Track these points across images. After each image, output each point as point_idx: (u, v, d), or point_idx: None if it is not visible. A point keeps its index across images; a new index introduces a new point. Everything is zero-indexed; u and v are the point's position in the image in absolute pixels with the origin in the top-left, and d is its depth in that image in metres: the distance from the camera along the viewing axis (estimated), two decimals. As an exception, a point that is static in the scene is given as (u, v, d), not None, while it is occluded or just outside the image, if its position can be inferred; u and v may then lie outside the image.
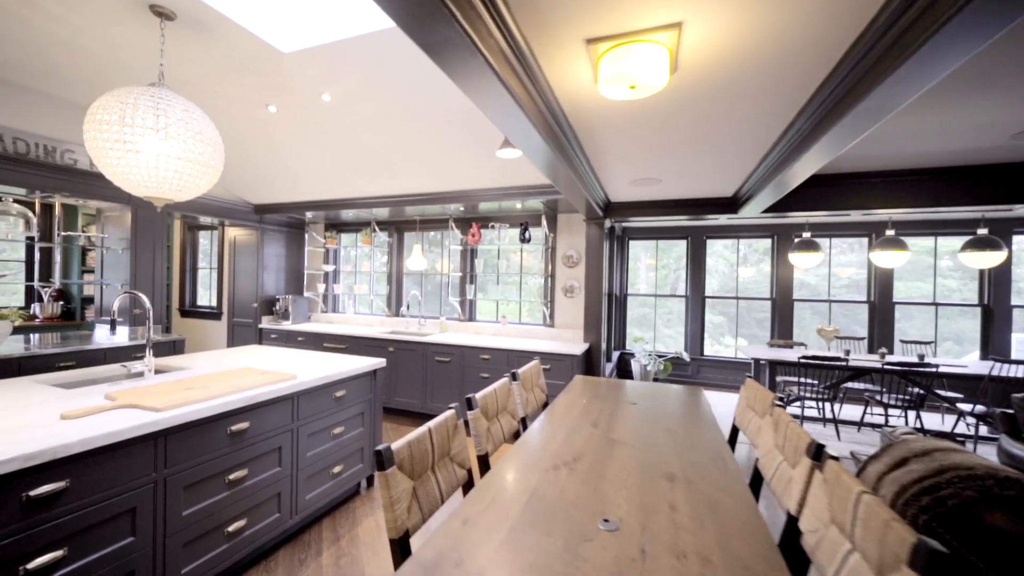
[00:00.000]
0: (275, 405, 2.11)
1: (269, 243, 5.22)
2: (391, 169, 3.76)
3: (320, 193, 4.49)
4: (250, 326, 5.22)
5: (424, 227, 5.01)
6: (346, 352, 4.53)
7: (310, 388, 2.32)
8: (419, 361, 4.16)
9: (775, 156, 2.52)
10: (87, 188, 3.63)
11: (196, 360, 2.73)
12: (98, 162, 1.96)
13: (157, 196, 2.12)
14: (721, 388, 5.77)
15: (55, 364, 3.13)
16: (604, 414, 2.12)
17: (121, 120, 1.89)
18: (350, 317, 5.33)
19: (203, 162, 2.12)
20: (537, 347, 3.76)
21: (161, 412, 1.67)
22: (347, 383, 2.60)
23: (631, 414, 2.13)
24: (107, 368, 2.44)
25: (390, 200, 4.27)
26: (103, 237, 4.05)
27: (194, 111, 2.09)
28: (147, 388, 1.94)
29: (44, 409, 1.66)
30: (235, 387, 2.00)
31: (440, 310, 5.07)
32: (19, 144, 3.26)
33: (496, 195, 3.87)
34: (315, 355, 2.98)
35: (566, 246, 4.32)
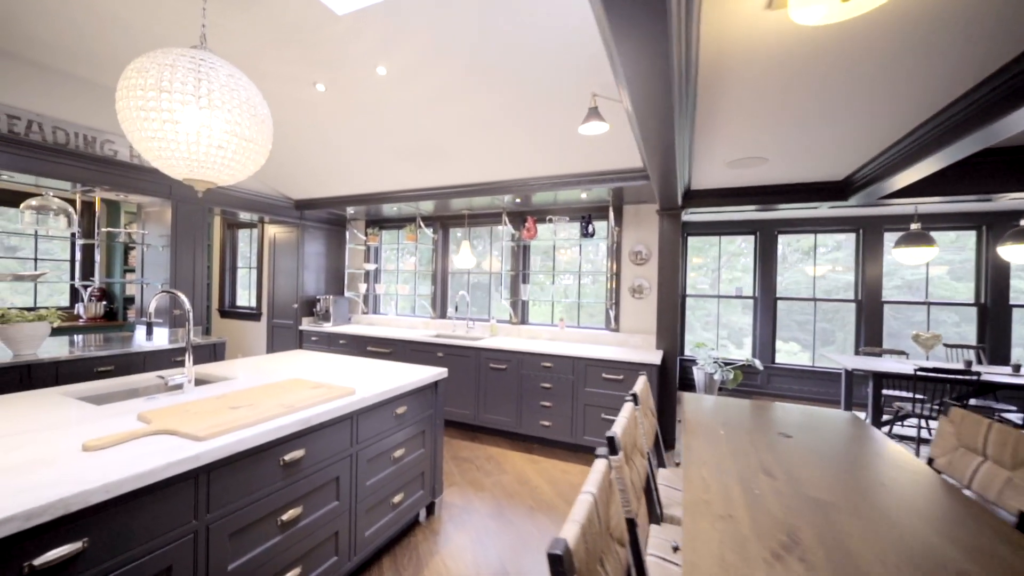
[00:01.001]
0: (333, 427, 1.76)
1: (309, 241, 4.97)
2: (445, 154, 3.40)
3: (365, 186, 4.18)
4: (290, 328, 4.99)
5: (473, 222, 4.65)
6: (391, 357, 4.22)
7: (371, 405, 1.97)
8: (471, 368, 3.79)
9: (942, 123, 2.01)
10: (127, 181, 3.43)
11: (238, 368, 2.43)
12: (132, 137, 1.66)
13: (199, 179, 1.81)
14: (797, 400, 5.16)
15: (94, 369, 2.92)
16: (762, 453, 1.66)
17: (158, 85, 1.58)
18: (392, 319, 5.02)
19: (250, 137, 1.80)
20: (604, 354, 3.32)
21: (203, 442, 1.33)
22: (408, 398, 2.24)
23: (801, 454, 1.66)
24: (143, 378, 2.16)
25: (440, 192, 3.92)
26: (144, 234, 3.87)
27: (240, 78, 1.77)
28: (186, 406, 1.62)
29: (66, 434, 1.35)
30: (287, 406, 1.66)
31: (489, 312, 4.69)
32: (58, 134, 3.07)
33: (562, 183, 3.45)
34: (366, 363, 2.64)
35: (633, 241, 3.86)
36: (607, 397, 3.27)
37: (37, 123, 2.97)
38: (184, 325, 3.80)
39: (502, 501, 2.67)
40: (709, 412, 2.16)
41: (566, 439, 3.42)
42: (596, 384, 3.31)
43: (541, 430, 3.51)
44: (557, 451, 3.47)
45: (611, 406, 3.26)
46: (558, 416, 3.45)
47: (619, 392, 3.24)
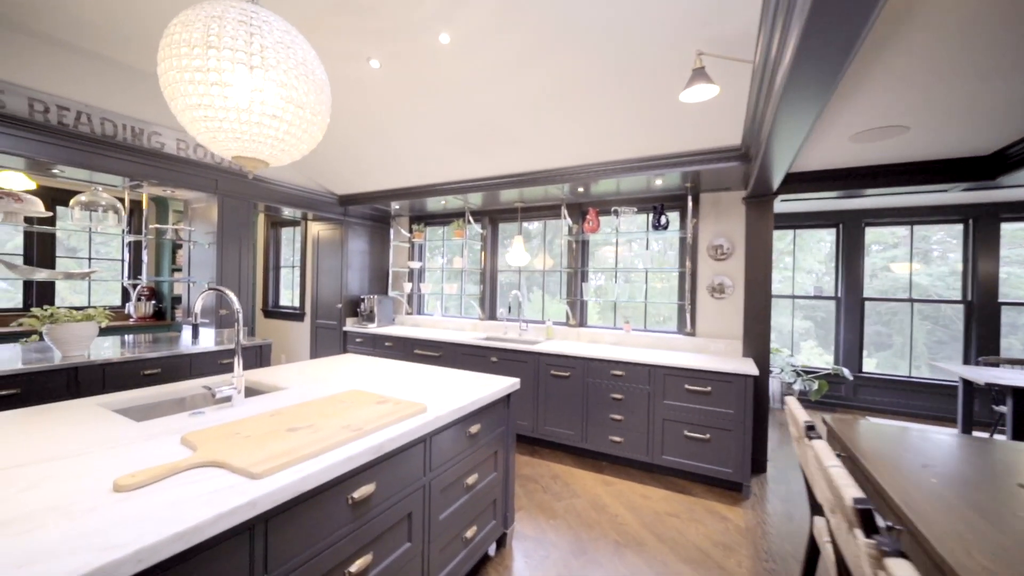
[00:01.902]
0: (405, 453, 1.46)
1: (352, 239, 4.78)
2: (504, 137, 3.07)
3: (413, 178, 3.92)
4: (334, 329, 4.80)
5: (526, 215, 4.31)
6: (440, 361, 3.94)
7: (446, 425, 1.66)
8: (529, 375, 3.45)
9: None
10: (174, 175, 3.29)
11: (289, 376, 2.18)
12: (176, 107, 1.40)
13: (250, 156, 1.54)
14: (895, 416, 4.55)
15: (140, 372, 2.76)
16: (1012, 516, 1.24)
17: (205, 40, 1.31)
18: (438, 320, 4.76)
19: (308, 106, 1.52)
20: (685, 362, 2.91)
21: (259, 480, 1.04)
22: (481, 414, 1.92)
23: None
24: (189, 386, 1.94)
25: (496, 181, 3.59)
26: (190, 231, 3.75)
27: (295, 35, 1.49)
28: (236, 427, 1.35)
29: (97, 463, 1.09)
30: (355, 429, 1.36)
31: (543, 313, 4.34)
32: (107, 125, 2.94)
33: (635, 167, 3.06)
34: (426, 371, 2.34)
35: (713, 234, 3.42)
36: (691, 412, 2.85)
37: (86, 114, 2.85)
38: (231, 325, 3.65)
39: (580, 532, 2.31)
40: (880, 440, 1.72)
41: (641, 457, 3.02)
42: (677, 396, 2.90)
43: (611, 446, 3.12)
44: (631, 471, 3.08)
45: (695, 422, 2.84)
46: (631, 431, 3.05)
47: (706, 406, 2.82)
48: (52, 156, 2.73)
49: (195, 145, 3.41)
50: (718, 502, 2.66)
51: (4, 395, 2.25)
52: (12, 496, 0.94)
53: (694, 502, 2.65)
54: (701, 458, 2.83)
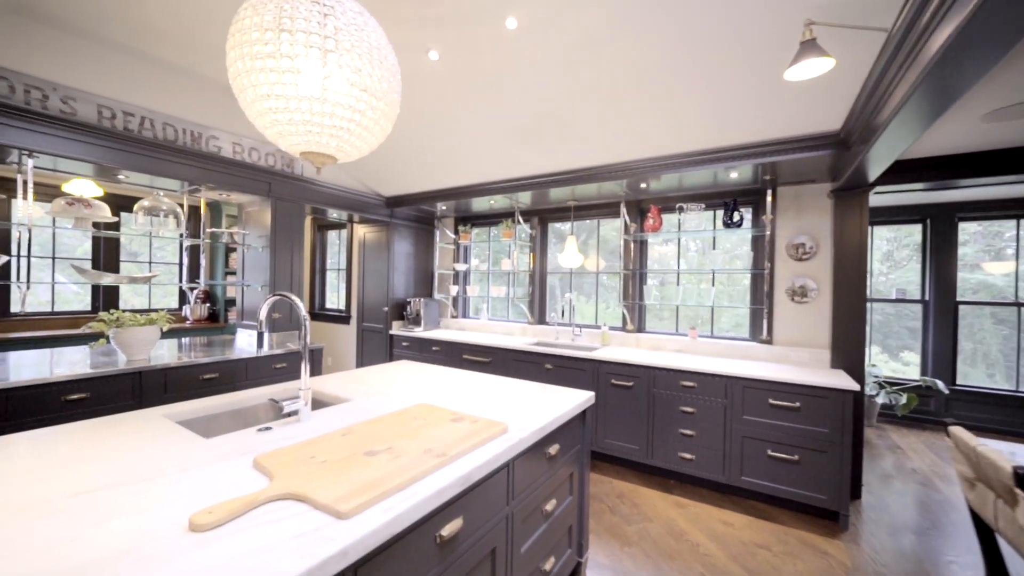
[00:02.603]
0: (490, 481, 1.29)
1: (398, 241, 4.71)
2: (566, 129, 2.88)
3: (465, 177, 3.79)
4: (380, 332, 4.75)
5: (579, 214, 4.10)
6: (490, 368, 3.79)
7: (529, 447, 1.48)
8: (587, 384, 3.24)
9: None
10: (229, 179, 3.29)
11: (349, 384, 2.07)
12: (245, 99, 1.30)
13: (318, 151, 1.43)
14: (1000, 435, 4.03)
15: (199, 376, 2.75)
16: None
17: (277, 24, 1.20)
18: (484, 323, 4.62)
19: (381, 94, 1.38)
20: (766, 373, 2.62)
21: (347, 520, 0.90)
22: (559, 432, 1.73)
23: None
24: (253, 397, 1.85)
25: (552, 178, 3.40)
26: (244, 234, 3.77)
27: (368, 17, 1.36)
28: (309, 447, 1.22)
29: (169, 492, 0.98)
30: (438, 454, 1.20)
31: (596, 317, 4.12)
32: (168, 130, 2.96)
33: (708, 159, 2.80)
34: (493, 381, 2.18)
35: (793, 231, 3.10)
36: (775, 429, 2.56)
37: (149, 119, 2.87)
38: (284, 329, 3.63)
39: (660, 563, 2.08)
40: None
41: (716, 477, 2.75)
42: (759, 411, 2.62)
43: (680, 464, 2.87)
44: (705, 492, 2.81)
45: (781, 440, 2.55)
46: (704, 448, 2.79)
47: (794, 424, 2.52)
48: (118, 161, 2.76)
49: (250, 148, 3.41)
50: (813, 533, 2.36)
51: (75, 399, 2.26)
52: (84, 531, 0.83)
53: (784, 532, 2.36)
54: (788, 481, 2.53)
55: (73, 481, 1.04)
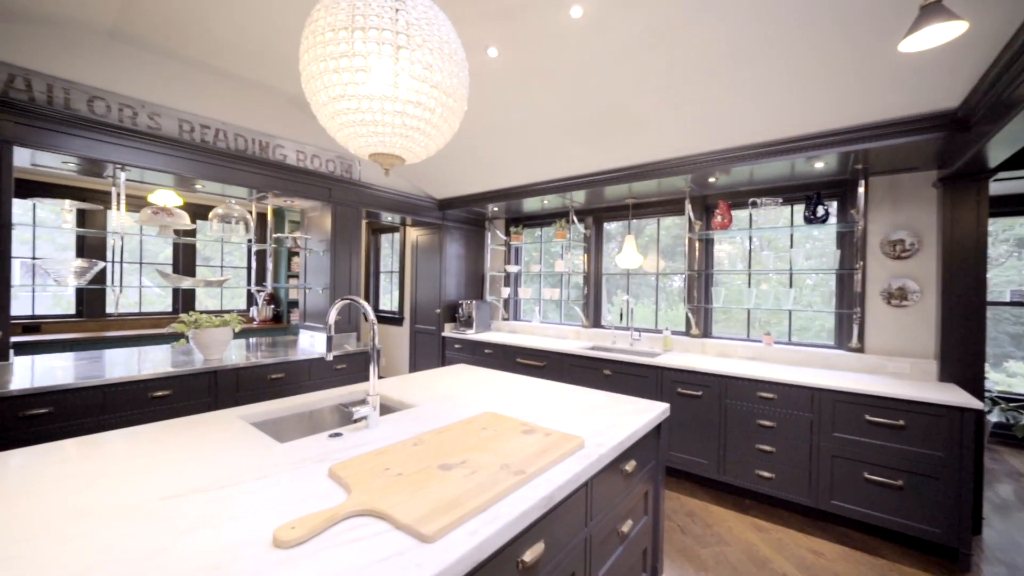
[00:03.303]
0: (570, 501, 1.19)
1: (449, 243, 4.73)
2: (630, 122, 2.73)
3: (519, 176, 3.72)
4: (432, 334, 4.79)
5: (637, 212, 3.91)
6: (545, 372, 3.69)
7: (607, 464, 1.37)
8: (650, 392, 3.06)
9: None
10: (293, 185, 3.42)
11: (411, 389, 2.05)
12: (316, 101, 1.28)
13: (387, 152, 1.39)
14: None
15: (267, 376, 2.86)
16: None
17: (351, 22, 1.17)
18: (536, 326, 4.52)
19: (451, 91, 1.33)
20: (861, 386, 2.33)
21: (430, 543, 0.83)
22: (636, 448, 1.60)
23: None
24: (320, 400, 1.86)
25: (611, 175, 3.25)
26: (307, 239, 3.91)
27: (437, 11, 1.31)
28: (382, 457, 1.18)
29: (251, 502, 0.96)
30: (515, 470, 1.12)
31: (656, 320, 3.90)
32: (239, 140, 3.11)
33: (790, 148, 2.55)
34: (558, 389, 2.08)
35: (888, 226, 2.76)
36: (874, 449, 2.27)
37: (223, 131, 3.03)
38: (344, 331, 3.72)
39: (744, 594, 1.89)
40: None
41: (800, 500, 2.49)
42: (853, 428, 2.33)
43: (757, 482, 2.62)
44: (786, 515, 2.55)
45: (881, 462, 2.25)
46: (786, 466, 2.53)
47: (897, 444, 2.22)
48: (196, 172, 2.92)
49: (312, 155, 3.52)
50: (925, 571, 2.06)
51: (160, 396, 2.41)
52: (173, 541, 0.82)
53: (889, 568, 2.08)
54: (890, 509, 2.24)
55: (162, 484, 1.05)
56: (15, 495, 0.98)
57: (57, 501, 0.96)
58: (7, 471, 1.10)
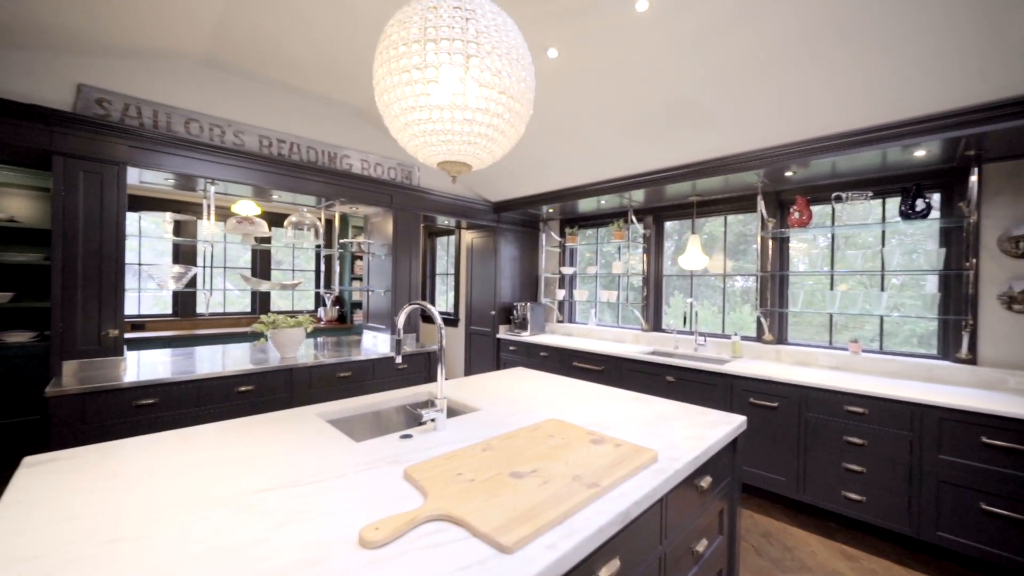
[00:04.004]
0: (645, 516, 1.14)
1: (504, 245, 4.76)
2: (696, 116, 2.60)
3: (575, 177, 3.67)
4: (487, 335, 4.85)
5: (702, 211, 3.72)
6: (602, 377, 3.60)
7: (682, 480, 1.30)
8: (718, 401, 2.88)
9: None
10: (358, 193, 3.59)
11: (473, 392, 2.07)
12: (390, 113, 1.32)
13: (455, 159, 1.41)
14: None
15: (336, 374, 3.02)
16: None
17: (423, 35, 1.19)
18: (592, 329, 4.43)
19: (518, 95, 1.33)
20: (974, 402, 2.04)
21: (509, 555, 0.82)
22: (711, 462, 1.51)
23: None
24: (388, 399, 1.93)
25: (675, 172, 3.10)
26: (369, 243, 4.09)
27: (505, 17, 1.31)
28: (453, 462, 1.19)
29: (334, 500, 1.01)
30: (588, 482, 1.09)
31: (723, 325, 3.69)
32: (310, 152, 3.32)
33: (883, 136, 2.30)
34: (624, 396, 2.01)
35: (1008, 219, 2.41)
36: (992, 477, 1.98)
37: (296, 144, 3.24)
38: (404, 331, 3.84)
39: (834, 629, 1.72)
40: None
41: (897, 528, 2.23)
42: (965, 452, 2.05)
43: (844, 504, 2.38)
44: (880, 544, 2.30)
45: (1004, 493, 1.96)
46: (879, 490, 2.28)
47: (1019, 472, 1.92)
48: (272, 183, 3.15)
49: (375, 163, 3.68)
50: (1061, 622, 1.77)
51: (244, 390, 2.61)
52: (270, 533, 0.87)
53: (1013, 614, 1.81)
54: (1017, 548, 1.94)
55: (256, 477, 1.12)
56: (136, 482, 1.09)
57: (170, 488, 1.05)
58: (128, 459, 1.23)
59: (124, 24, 2.21)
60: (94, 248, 2.44)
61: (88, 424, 2.14)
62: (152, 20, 2.22)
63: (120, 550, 0.81)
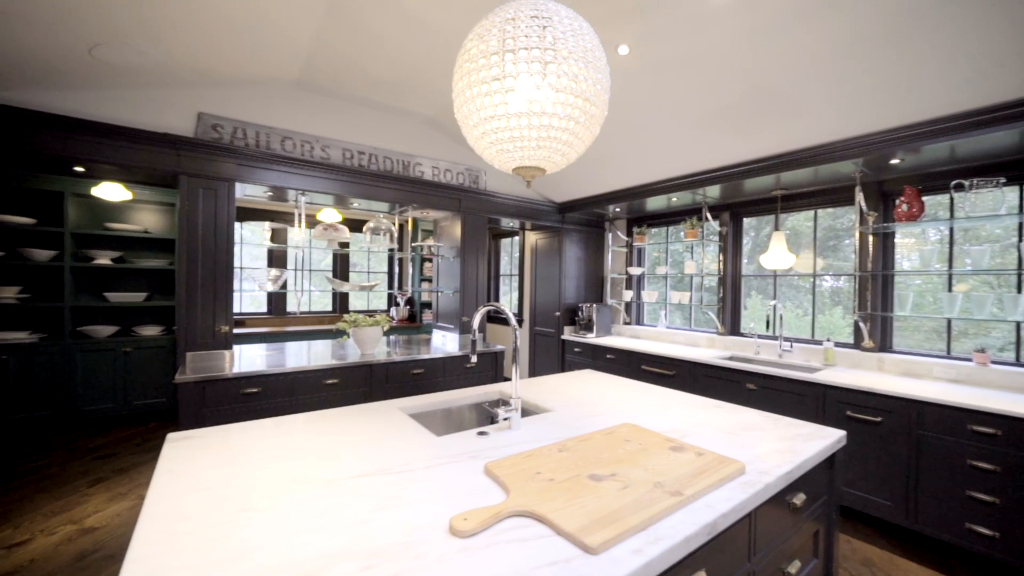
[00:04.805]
0: (732, 530, 1.09)
1: (569, 245, 4.73)
2: (781, 105, 2.41)
3: (646, 174, 3.56)
4: (551, 336, 4.85)
5: (789, 205, 3.44)
6: (674, 382, 3.45)
7: (773, 496, 1.22)
8: (807, 413, 2.65)
9: None
10: (428, 198, 3.76)
11: (543, 392, 2.08)
12: (469, 123, 1.37)
13: (530, 164, 1.44)
14: None
15: (410, 371, 3.19)
16: None
17: (502, 46, 1.23)
18: (661, 331, 4.27)
19: (595, 97, 1.32)
20: None
21: (595, 556, 0.82)
22: (806, 479, 1.40)
23: None
24: (461, 397, 2.00)
25: (756, 165, 2.90)
26: (439, 246, 4.27)
27: (581, 20, 1.32)
28: (531, 460, 1.21)
29: (422, 489, 1.07)
30: (671, 490, 1.06)
31: (814, 330, 3.38)
32: (386, 162, 3.54)
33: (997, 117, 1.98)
34: (702, 403, 1.93)
35: None
36: None
37: (373, 155, 3.48)
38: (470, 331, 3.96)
39: None
40: None
41: (1039, 570, 1.90)
42: None
43: (971, 539, 2.08)
44: (1015, 586, 1.98)
45: None
46: (1017, 525, 1.96)
47: None
48: (353, 192, 3.41)
49: (444, 169, 3.84)
50: None
51: (330, 383, 2.85)
52: (370, 515, 0.94)
53: None
54: None
55: (351, 463, 1.22)
56: (251, 462, 1.24)
57: (279, 469, 1.18)
58: (242, 441, 1.40)
59: (235, 57, 2.51)
60: (210, 255, 2.79)
61: (207, 407, 2.45)
62: (257, 51, 2.50)
63: (249, 518, 0.93)
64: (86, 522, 2.46)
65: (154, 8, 1.89)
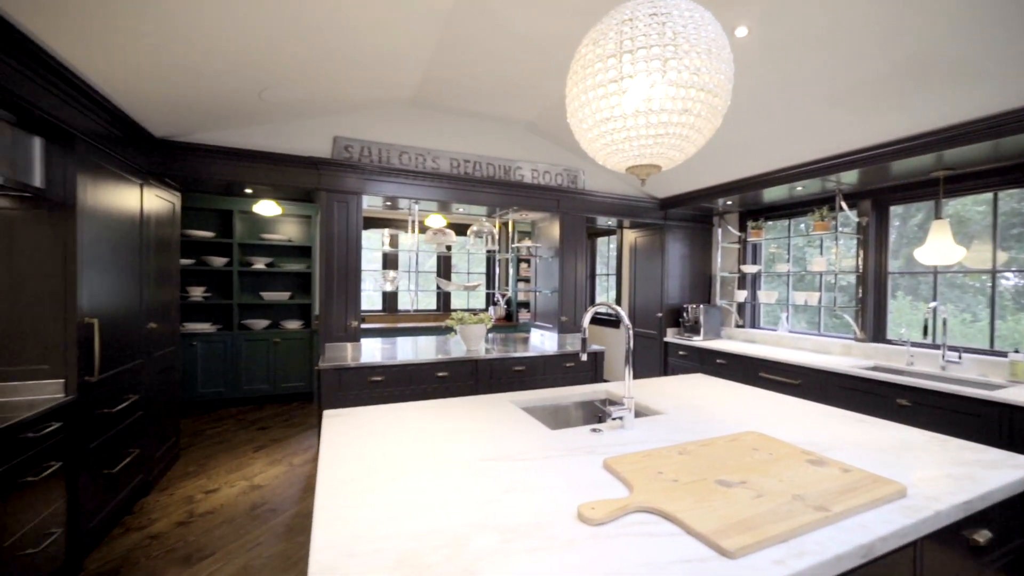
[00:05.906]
0: (890, 559, 0.96)
1: (671, 243, 4.50)
2: (953, 67, 2.03)
3: (765, 163, 3.25)
4: (652, 338, 4.66)
5: (954, 188, 2.88)
6: (798, 391, 3.10)
7: (945, 525, 1.05)
8: (982, 436, 2.19)
9: None
10: (527, 200, 3.86)
11: (651, 394, 2.03)
12: (583, 127, 1.40)
13: (646, 163, 1.42)
14: None
15: (511, 368, 3.31)
16: None
17: (619, 49, 1.24)
18: (782, 336, 3.85)
19: (717, 89, 1.27)
20: None
21: (733, 559, 0.80)
22: (991, 514, 1.17)
23: None
24: (566, 395, 2.04)
25: (913, 143, 2.47)
26: (537, 247, 4.36)
27: (702, 11, 1.27)
28: (652, 461, 1.20)
29: (545, 477, 1.13)
30: (814, 505, 0.97)
31: (992, 339, 2.78)
32: (488, 168, 3.72)
33: None
34: (827, 412, 1.72)
35: None
36: None
37: (477, 162, 3.68)
38: (569, 331, 3.99)
39: None
40: None
41: None
42: None
43: None
44: None
45: None
46: None
47: None
48: (459, 198, 3.64)
49: (543, 172, 3.92)
50: None
51: (442, 376, 3.08)
52: (501, 495, 1.02)
53: None
54: None
55: (476, 448, 1.33)
56: (390, 439, 1.41)
57: (413, 447, 1.33)
58: (377, 421, 1.59)
59: (363, 85, 2.85)
60: (343, 259, 3.21)
61: (342, 391, 2.83)
62: (381, 78, 2.81)
63: (400, 485, 1.07)
64: (255, 479, 2.99)
65: (311, 50, 2.23)
